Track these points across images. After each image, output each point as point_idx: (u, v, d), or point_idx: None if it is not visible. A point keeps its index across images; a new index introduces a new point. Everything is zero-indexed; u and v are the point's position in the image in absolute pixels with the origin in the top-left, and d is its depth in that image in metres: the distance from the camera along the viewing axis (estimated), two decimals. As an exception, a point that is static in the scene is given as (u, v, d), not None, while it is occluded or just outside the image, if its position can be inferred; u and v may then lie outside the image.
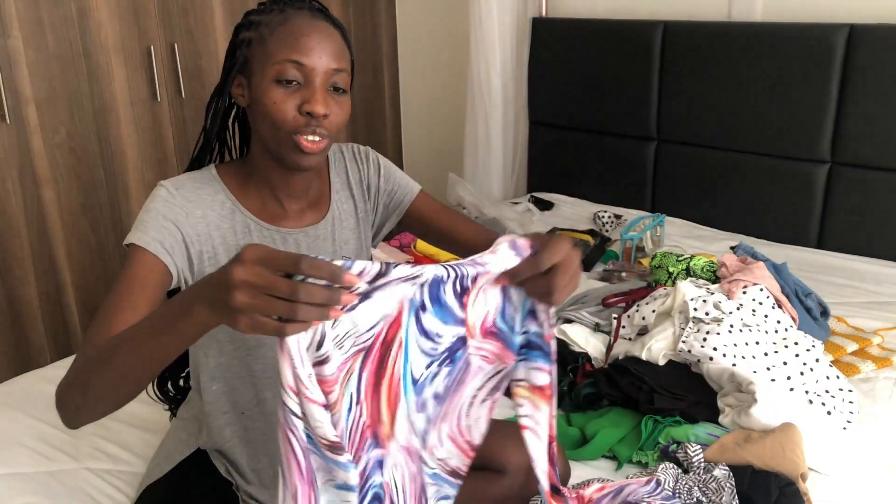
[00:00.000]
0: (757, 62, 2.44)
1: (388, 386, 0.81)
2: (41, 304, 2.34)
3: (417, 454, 0.89)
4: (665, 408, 1.47)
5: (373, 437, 0.82)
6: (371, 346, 0.78)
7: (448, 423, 0.91)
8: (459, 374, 0.89)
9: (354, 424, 0.79)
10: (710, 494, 1.25)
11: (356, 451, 0.80)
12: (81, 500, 1.35)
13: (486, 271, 0.83)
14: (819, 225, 2.46)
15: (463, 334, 0.86)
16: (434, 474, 0.93)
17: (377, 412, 0.81)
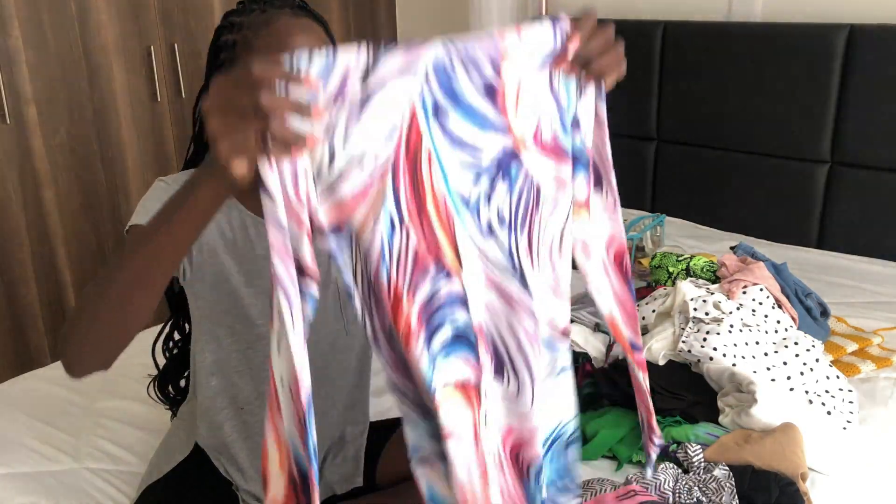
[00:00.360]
0: (757, 62, 2.44)
1: (434, 205, 0.74)
2: (41, 304, 2.34)
3: (523, 301, 0.79)
4: (665, 408, 1.47)
5: (436, 264, 0.74)
6: (396, 162, 0.71)
7: (542, 268, 0.81)
8: (528, 196, 0.78)
9: (403, 248, 0.72)
10: (710, 494, 1.25)
11: (412, 276, 0.73)
12: (81, 500, 1.35)
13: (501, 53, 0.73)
14: (819, 225, 2.46)
15: (510, 144, 0.76)
16: (551, 342, 0.83)
17: (431, 235, 0.74)
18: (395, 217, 0.72)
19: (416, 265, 0.74)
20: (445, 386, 0.76)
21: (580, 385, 1.59)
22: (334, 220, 0.71)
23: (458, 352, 0.77)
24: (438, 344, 0.76)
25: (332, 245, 0.71)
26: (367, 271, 0.73)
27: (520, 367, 0.80)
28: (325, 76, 0.67)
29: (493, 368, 0.79)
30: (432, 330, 0.75)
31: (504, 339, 0.80)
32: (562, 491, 0.90)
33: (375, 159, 0.70)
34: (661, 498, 1.25)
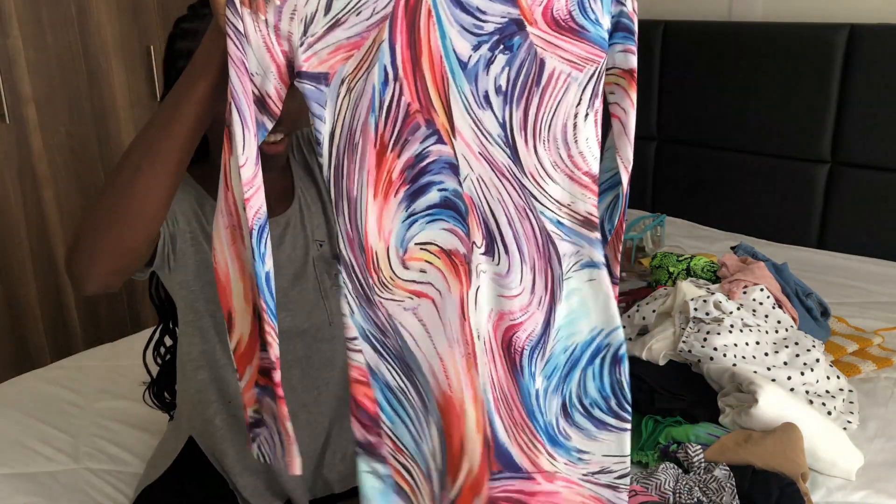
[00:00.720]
0: (757, 62, 2.44)
1: (429, 63, 0.74)
2: (41, 304, 2.34)
3: (514, 177, 0.78)
4: (665, 408, 1.47)
5: (427, 125, 0.74)
6: (395, 14, 0.72)
7: (546, 148, 0.79)
8: (528, 70, 0.76)
9: (394, 101, 0.73)
10: (711, 494, 1.25)
11: (400, 132, 0.74)
12: (81, 500, 1.35)
13: None
14: (819, 225, 2.46)
15: (516, 16, 0.75)
16: (559, 222, 0.80)
17: (424, 94, 0.74)
18: (390, 69, 0.72)
19: (406, 120, 0.74)
20: (426, 246, 0.76)
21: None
22: (324, 67, 0.72)
23: (445, 219, 0.76)
24: (423, 204, 0.76)
25: (310, 92, 0.72)
26: (354, 121, 0.73)
27: (509, 242, 0.78)
28: None
29: (483, 245, 0.77)
30: (417, 189, 0.75)
31: (495, 213, 0.78)
32: (609, 413, 0.84)
33: (374, 9, 0.71)
34: (661, 498, 1.25)
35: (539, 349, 0.81)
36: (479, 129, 0.76)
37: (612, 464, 0.84)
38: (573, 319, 0.82)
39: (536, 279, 0.80)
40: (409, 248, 0.76)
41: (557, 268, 0.80)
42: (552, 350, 0.82)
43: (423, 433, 0.79)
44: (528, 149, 0.77)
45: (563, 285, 0.80)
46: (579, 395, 0.84)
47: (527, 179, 0.78)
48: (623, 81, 0.80)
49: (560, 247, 0.80)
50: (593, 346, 0.84)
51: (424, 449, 0.79)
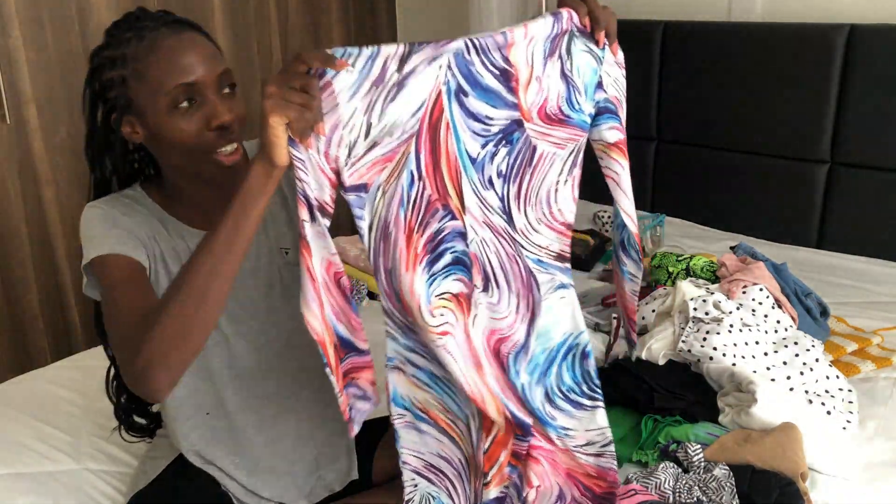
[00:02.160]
0: (757, 62, 2.44)
1: (446, 163, 0.95)
2: (41, 304, 2.34)
3: (508, 234, 1.02)
4: (665, 407, 1.47)
5: (444, 208, 0.96)
6: (420, 130, 0.92)
7: (534, 209, 1.03)
8: (523, 156, 1.00)
9: (419, 196, 0.94)
10: (711, 494, 1.25)
11: (423, 217, 0.95)
12: (81, 500, 1.35)
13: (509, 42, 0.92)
14: (819, 225, 2.46)
15: (517, 117, 0.97)
16: (539, 261, 1.05)
17: (442, 186, 0.95)
18: (415, 172, 0.93)
19: (428, 208, 0.95)
20: (442, 296, 0.98)
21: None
22: (364, 179, 0.92)
23: (456, 272, 0.99)
24: (440, 266, 0.98)
25: (354, 200, 0.92)
26: (387, 215, 0.93)
27: (501, 281, 1.03)
28: (370, 65, 0.87)
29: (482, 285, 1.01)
30: (436, 256, 0.97)
31: (491, 262, 1.02)
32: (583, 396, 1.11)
33: (402, 132, 0.91)
34: (661, 497, 1.25)
35: (522, 353, 1.06)
36: (484, 204, 0.99)
37: (594, 436, 1.11)
38: (549, 329, 1.07)
39: (520, 304, 1.05)
40: (432, 301, 0.97)
41: (537, 294, 1.05)
42: (533, 353, 1.06)
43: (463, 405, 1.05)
44: (519, 212, 1.02)
45: (542, 305, 1.05)
46: (558, 384, 1.09)
47: (517, 234, 1.03)
48: (609, 151, 1.07)
49: (539, 278, 1.05)
50: (566, 346, 1.09)
51: (465, 412, 1.05)
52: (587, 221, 2.74)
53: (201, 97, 1.03)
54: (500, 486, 1.07)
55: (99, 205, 1.08)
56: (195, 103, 1.02)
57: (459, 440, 1.07)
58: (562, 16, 0.97)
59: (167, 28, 1.03)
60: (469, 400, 1.02)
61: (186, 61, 1.01)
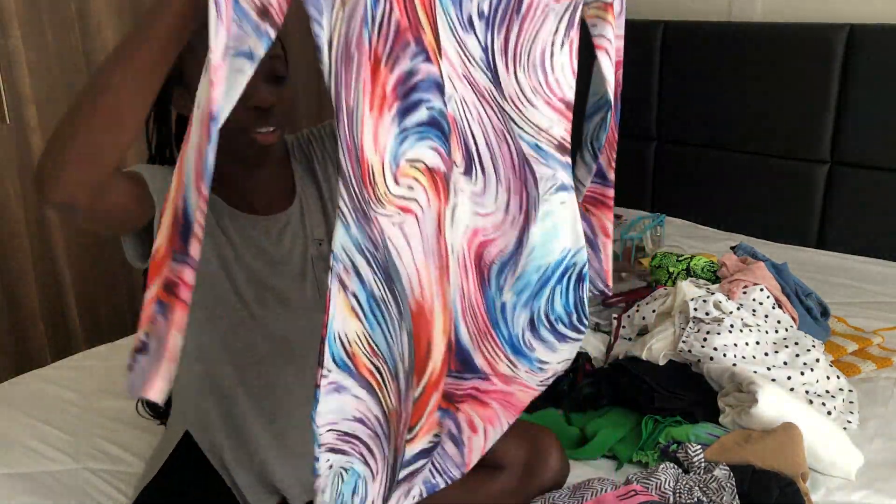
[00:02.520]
0: (757, 62, 2.44)
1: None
2: (41, 304, 2.34)
3: (495, 101, 0.81)
4: (665, 407, 1.47)
5: (416, 43, 0.75)
6: None
7: (526, 73, 0.83)
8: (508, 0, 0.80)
9: (386, 18, 0.73)
10: (711, 494, 1.25)
11: (392, 47, 0.74)
12: (81, 500, 1.35)
13: None
14: (819, 225, 2.46)
15: None
16: (537, 146, 0.84)
17: (413, 11, 0.74)
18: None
19: (397, 36, 0.74)
20: (414, 163, 0.76)
21: (579, 383, 1.59)
22: None
23: (430, 137, 0.77)
24: (413, 121, 0.76)
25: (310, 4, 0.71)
26: (348, 32, 0.71)
27: (486, 162, 0.81)
28: None
29: (463, 165, 0.80)
30: (407, 106, 0.75)
31: (474, 135, 0.80)
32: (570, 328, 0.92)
33: None
34: (661, 498, 1.25)
35: (510, 266, 0.85)
36: (463, 51, 0.78)
37: (562, 368, 0.93)
38: (547, 240, 0.86)
39: (511, 199, 0.83)
40: (401, 165, 0.76)
41: (534, 190, 0.83)
42: (524, 268, 0.86)
43: (396, 338, 0.80)
44: (508, 74, 0.80)
45: (540, 207, 0.84)
46: (547, 311, 0.89)
47: (507, 103, 0.81)
48: (603, 13, 0.86)
49: (537, 170, 0.83)
50: (563, 265, 0.88)
51: (395, 352, 0.81)
52: (587, 221, 2.74)
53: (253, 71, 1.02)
54: (429, 434, 0.85)
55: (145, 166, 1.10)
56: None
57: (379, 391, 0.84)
58: None
59: None
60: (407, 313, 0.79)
61: None
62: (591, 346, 1.74)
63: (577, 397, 1.57)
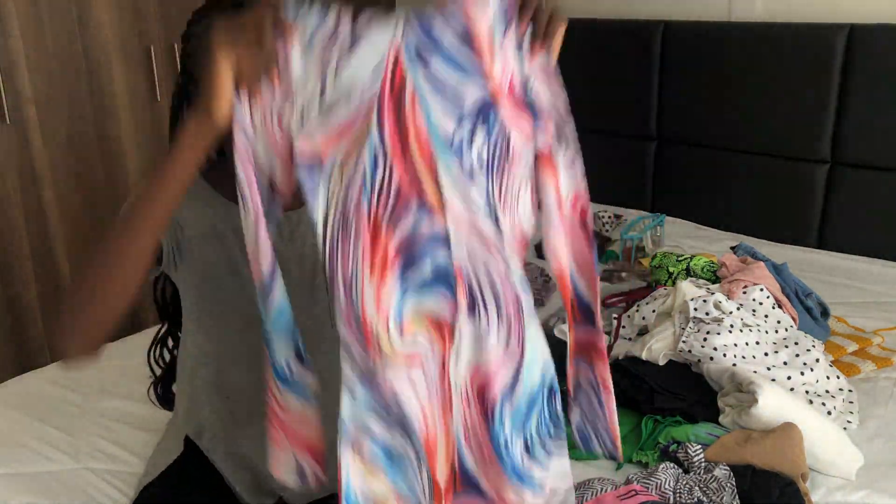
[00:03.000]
0: (757, 62, 2.44)
1: (417, 143, 0.77)
2: (41, 304, 2.34)
3: (497, 246, 0.82)
4: (665, 407, 1.47)
5: (418, 200, 0.77)
6: (382, 97, 0.76)
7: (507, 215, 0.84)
8: (501, 144, 0.82)
9: (385, 182, 0.76)
10: (711, 494, 1.25)
11: (394, 209, 0.76)
12: (81, 500, 1.35)
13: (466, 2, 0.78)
14: (819, 225, 2.46)
15: (489, 95, 0.80)
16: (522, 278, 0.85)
17: (413, 172, 0.77)
18: (379, 151, 0.76)
19: (398, 199, 0.76)
20: (417, 315, 0.79)
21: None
22: (319, 151, 0.75)
23: (436, 288, 0.79)
24: (416, 278, 0.78)
25: (305, 178, 0.75)
26: (346, 203, 0.75)
27: (490, 307, 0.82)
28: (322, 18, 0.74)
29: (467, 308, 0.81)
30: (411, 263, 0.77)
31: (479, 279, 0.81)
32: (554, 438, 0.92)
33: (362, 94, 0.75)
34: (661, 498, 1.25)
35: (509, 398, 0.86)
36: (468, 200, 0.80)
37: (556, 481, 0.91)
38: (531, 366, 0.87)
39: (511, 337, 0.84)
40: (405, 319, 0.79)
41: (523, 321, 0.85)
42: (519, 398, 0.87)
43: (417, 480, 0.84)
44: (504, 218, 0.83)
45: (526, 336, 0.85)
46: (539, 432, 0.89)
47: (506, 249, 0.82)
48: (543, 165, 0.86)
49: (523, 301, 0.84)
50: (543, 386, 0.89)
51: (417, 490, 0.85)
52: (587, 221, 2.74)
53: None
54: None
55: None
56: None
57: None
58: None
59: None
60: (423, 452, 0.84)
61: None
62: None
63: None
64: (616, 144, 2.83)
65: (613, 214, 2.69)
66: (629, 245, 2.32)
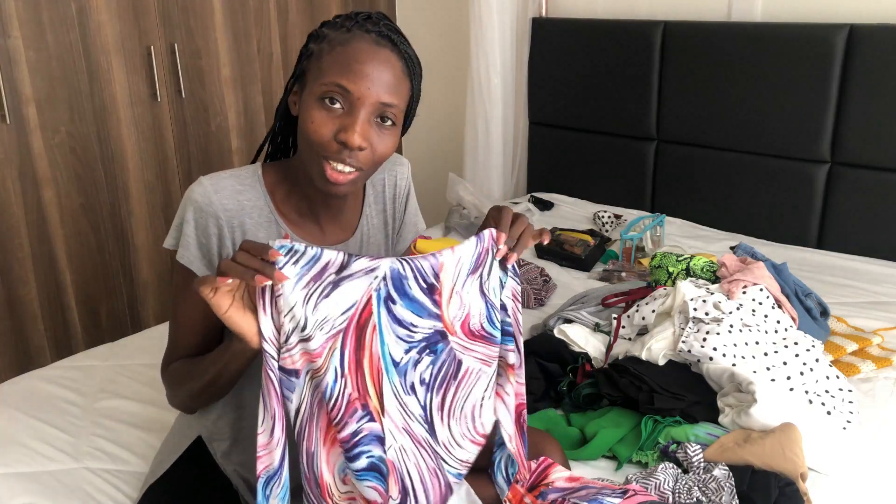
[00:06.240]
0: (757, 62, 2.44)
1: (369, 363, 0.96)
2: (41, 304, 2.34)
3: (429, 446, 1.01)
4: (665, 408, 1.47)
5: (363, 408, 0.96)
6: (347, 328, 0.94)
7: (458, 423, 1.03)
8: (447, 367, 1.01)
9: (340, 394, 0.94)
10: (710, 494, 1.25)
11: (342, 416, 0.95)
12: (81, 500, 1.35)
13: (440, 263, 0.98)
14: (819, 225, 2.46)
15: (440, 328, 1.00)
16: (459, 475, 1.04)
17: (363, 385, 0.96)
18: (339, 369, 0.94)
19: (347, 407, 0.95)
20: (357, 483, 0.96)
21: (578, 384, 1.59)
22: (296, 366, 0.93)
23: (369, 479, 0.96)
24: (355, 467, 0.95)
25: (286, 381, 0.93)
26: (312, 402, 0.95)
27: (420, 494, 0.99)
28: (311, 264, 0.90)
29: (399, 498, 0.98)
30: (351, 456, 0.95)
31: (410, 473, 0.99)
32: None
33: (333, 327, 0.93)
34: (660, 498, 1.25)
35: None
36: (405, 410, 0.99)
37: None
38: None
39: None
40: (347, 475, 0.97)
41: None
42: None
43: None
44: (442, 425, 1.02)
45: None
46: None
47: (439, 447, 1.02)
48: (506, 373, 1.07)
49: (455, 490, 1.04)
50: None
51: None
52: (587, 221, 2.75)
53: (351, 108, 1.01)
54: None
55: (208, 187, 1.08)
56: (343, 110, 1.02)
57: None
58: (483, 237, 1.01)
59: (374, 36, 1.03)
60: None
61: (360, 69, 1.00)
62: (591, 347, 1.74)
63: (576, 398, 1.57)
64: (616, 144, 2.83)
65: (613, 214, 2.70)
66: (629, 245, 2.32)
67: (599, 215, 2.68)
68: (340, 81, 1.00)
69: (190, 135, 2.63)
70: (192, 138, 2.63)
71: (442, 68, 3.32)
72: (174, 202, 2.62)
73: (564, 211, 2.86)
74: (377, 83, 1.01)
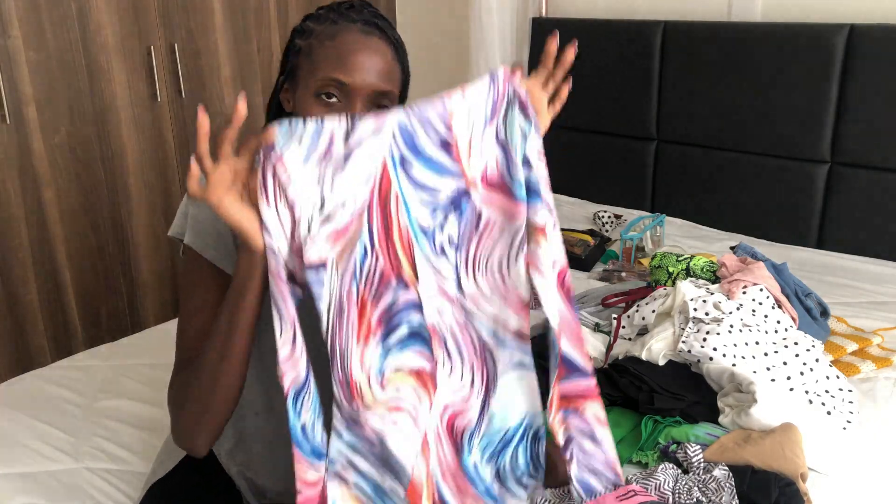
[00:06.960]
0: (757, 62, 2.44)
1: (398, 234, 0.93)
2: (41, 304, 2.34)
3: (459, 302, 0.99)
4: (665, 408, 1.47)
5: (396, 279, 0.94)
6: (370, 203, 0.91)
7: (485, 277, 0.99)
8: (470, 222, 0.98)
9: (372, 269, 0.93)
10: (710, 495, 1.25)
11: (376, 289, 0.93)
12: (81, 500, 1.35)
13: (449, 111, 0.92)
14: (819, 225, 2.46)
15: (463, 186, 0.96)
16: (494, 333, 1.00)
17: (395, 258, 0.94)
18: (368, 245, 0.92)
19: (381, 280, 0.93)
20: (398, 371, 0.95)
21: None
22: (322, 254, 0.89)
23: (413, 346, 0.95)
24: (395, 339, 0.94)
25: (313, 279, 0.89)
26: (340, 291, 0.91)
27: (453, 351, 0.98)
28: (315, 140, 0.87)
29: (442, 359, 0.97)
30: (390, 329, 0.94)
31: (446, 331, 0.98)
32: (532, 478, 1.07)
33: (355, 202, 0.90)
34: (660, 498, 1.25)
35: (476, 431, 1.02)
36: (439, 274, 0.97)
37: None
38: (505, 408, 1.02)
39: (475, 377, 1.01)
40: (386, 375, 0.95)
41: (493, 368, 1.01)
42: (486, 431, 1.03)
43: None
44: (468, 278, 0.99)
45: (498, 382, 1.01)
46: (513, 466, 1.05)
47: (467, 301, 0.99)
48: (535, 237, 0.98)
49: (495, 352, 1.01)
50: (522, 428, 1.04)
51: None
52: (587, 221, 2.74)
53: (347, 100, 1.02)
54: None
55: None
56: (339, 104, 1.02)
57: None
58: (497, 76, 0.94)
59: (361, 25, 1.03)
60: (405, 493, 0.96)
61: (353, 61, 1.00)
62: (591, 346, 1.74)
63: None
64: (616, 144, 2.83)
65: (613, 214, 2.70)
66: (629, 245, 2.32)
67: (599, 215, 2.68)
68: (335, 75, 1.00)
69: (190, 135, 2.63)
70: (192, 138, 2.63)
71: (442, 68, 3.32)
72: (174, 202, 2.62)
73: (564, 211, 2.86)
74: (371, 72, 1.02)
